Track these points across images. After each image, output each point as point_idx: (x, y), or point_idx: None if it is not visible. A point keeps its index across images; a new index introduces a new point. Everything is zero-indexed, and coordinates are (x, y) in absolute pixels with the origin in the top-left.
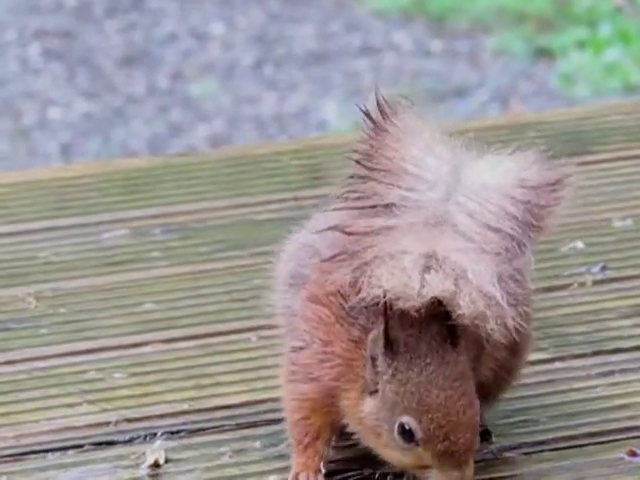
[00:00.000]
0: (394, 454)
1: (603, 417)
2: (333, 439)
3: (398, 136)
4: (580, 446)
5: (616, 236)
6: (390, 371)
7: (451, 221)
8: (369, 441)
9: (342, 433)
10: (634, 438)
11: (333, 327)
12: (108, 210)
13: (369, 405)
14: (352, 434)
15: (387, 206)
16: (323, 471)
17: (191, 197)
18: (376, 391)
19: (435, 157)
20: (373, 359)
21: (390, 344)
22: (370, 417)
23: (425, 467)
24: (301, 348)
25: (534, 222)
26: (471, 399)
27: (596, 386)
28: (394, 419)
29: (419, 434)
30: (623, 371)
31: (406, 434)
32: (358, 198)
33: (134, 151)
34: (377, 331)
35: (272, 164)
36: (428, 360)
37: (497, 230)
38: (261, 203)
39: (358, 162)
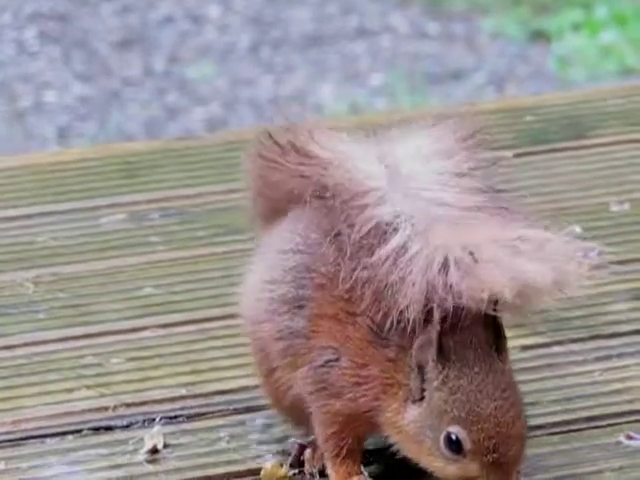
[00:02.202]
0: (437, 464)
1: (601, 401)
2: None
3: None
4: (578, 430)
5: (613, 220)
6: (441, 378)
7: (429, 216)
8: (409, 450)
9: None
10: (631, 422)
11: (367, 350)
12: (106, 194)
13: (412, 413)
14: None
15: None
16: (366, 474)
17: (190, 181)
18: (421, 399)
19: (367, 155)
20: (420, 366)
21: (442, 351)
22: (413, 425)
23: (469, 478)
24: (329, 364)
25: (493, 185)
26: (520, 410)
27: (594, 370)
28: (441, 428)
29: (468, 445)
30: (620, 355)
31: (453, 444)
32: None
33: (131, 134)
34: (426, 337)
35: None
36: (477, 369)
37: (478, 208)
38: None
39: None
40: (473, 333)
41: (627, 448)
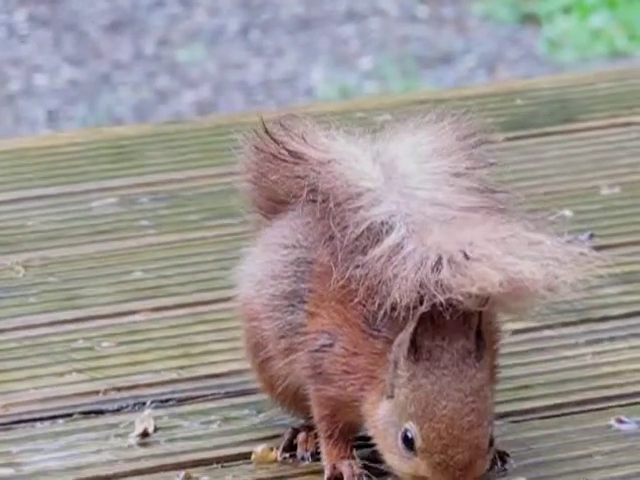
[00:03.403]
0: (395, 461)
1: (591, 385)
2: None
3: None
4: (568, 414)
5: (604, 204)
6: (408, 375)
7: (424, 216)
8: (378, 445)
9: None
10: (622, 406)
11: (359, 339)
12: (97, 178)
13: (384, 408)
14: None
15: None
16: (357, 458)
17: (180, 165)
18: (392, 396)
19: (363, 154)
20: (395, 363)
21: (414, 349)
22: (382, 420)
23: (421, 478)
24: (323, 348)
25: (489, 186)
26: (481, 419)
27: (584, 354)
28: (400, 424)
29: (419, 442)
30: (611, 339)
31: (407, 441)
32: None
33: (120, 117)
34: (404, 335)
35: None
36: (445, 371)
37: (474, 208)
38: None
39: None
40: (453, 335)
41: (618, 432)
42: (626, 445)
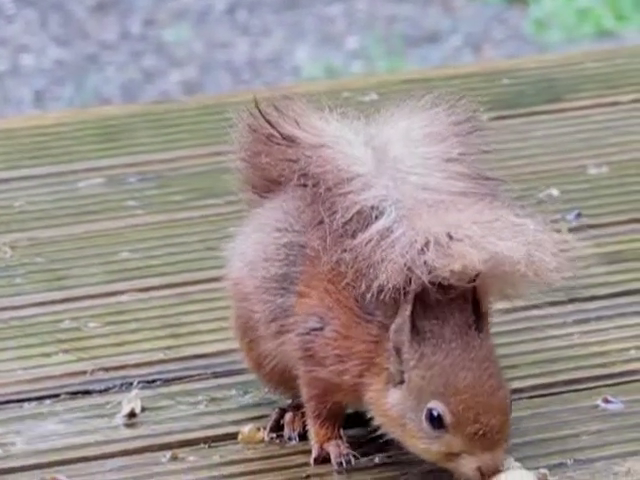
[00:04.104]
0: (422, 445)
1: (579, 364)
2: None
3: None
4: (556, 394)
5: (591, 183)
6: (416, 356)
7: (415, 200)
8: (394, 433)
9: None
10: (609, 386)
11: (351, 323)
12: (84, 158)
13: (394, 397)
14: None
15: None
16: (344, 438)
17: (167, 145)
18: (401, 382)
19: (355, 138)
20: (397, 349)
21: (416, 330)
22: (396, 408)
23: (454, 455)
24: (314, 332)
25: (481, 172)
26: (500, 381)
27: (572, 333)
28: (421, 406)
29: (448, 418)
30: (599, 318)
31: (434, 420)
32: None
33: (107, 97)
34: (401, 320)
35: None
36: (453, 345)
37: (464, 193)
38: (233, 151)
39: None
40: (449, 312)
41: (604, 412)
42: (613, 425)
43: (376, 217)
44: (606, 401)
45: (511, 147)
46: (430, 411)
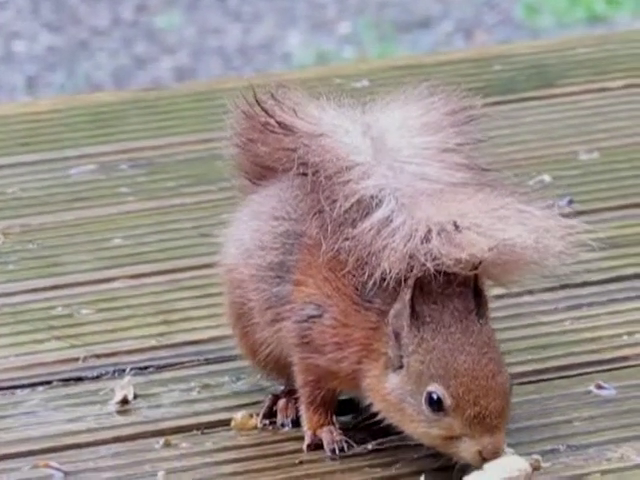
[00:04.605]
0: (421, 429)
1: (571, 350)
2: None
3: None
4: (548, 380)
5: (582, 169)
6: (416, 341)
7: (414, 190)
8: (393, 418)
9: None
10: (601, 372)
11: (350, 310)
12: (75, 145)
13: (393, 382)
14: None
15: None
16: (337, 425)
17: (158, 132)
18: (400, 367)
19: (352, 127)
20: (397, 334)
21: (416, 315)
22: (395, 393)
23: (454, 438)
24: (311, 319)
25: (478, 163)
26: (500, 366)
27: (564, 319)
28: (421, 390)
29: (448, 401)
30: (591, 304)
31: (434, 403)
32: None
33: (99, 83)
34: (400, 305)
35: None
36: (452, 329)
37: (463, 184)
38: (227, 137)
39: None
40: (449, 298)
41: (597, 398)
42: (605, 411)
43: (375, 206)
44: (598, 387)
45: (502, 133)
46: (430, 394)
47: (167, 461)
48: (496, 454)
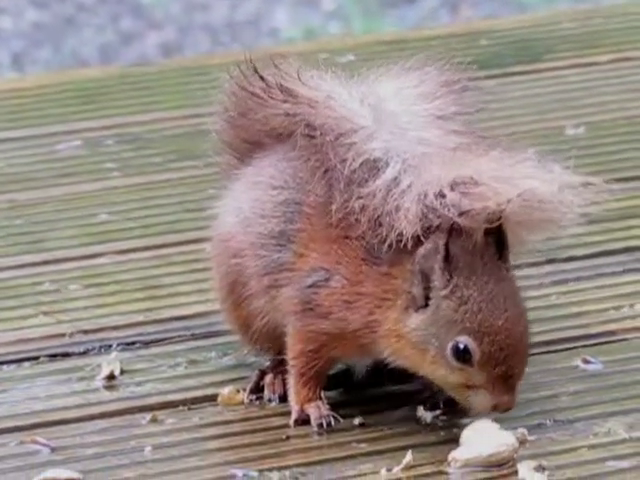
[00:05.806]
0: (440, 372)
1: (557, 325)
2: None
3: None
4: (534, 354)
5: (569, 144)
6: (450, 287)
7: (421, 153)
8: (409, 358)
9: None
10: (588, 346)
11: (360, 268)
12: (62, 121)
13: (415, 321)
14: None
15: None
16: (325, 400)
17: (145, 107)
18: (425, 306)
19: (351, 95)
20: (424, 274)
21: (449, 259)
22: (416, 333)
23: (471, 388)
24: (317, 284)
25: (476, 130)
26: (527, 325)
27: (550, 294)
28: (449, 337)
29: (477, 355)
30: (577, 279)
31: (461, 354)
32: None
33: (85, 60)
34: (432, 246)
35: (226, 74)
36: (485, 278)
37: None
38: (215, 113)
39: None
40: (479, 248)
41: (584, 372)
42: (592, 385)
43: (382, 167)
44: (585, 362)
45: (489, 108)
46: (457, 344)
47: (154, 436)
48: (508, 410)
